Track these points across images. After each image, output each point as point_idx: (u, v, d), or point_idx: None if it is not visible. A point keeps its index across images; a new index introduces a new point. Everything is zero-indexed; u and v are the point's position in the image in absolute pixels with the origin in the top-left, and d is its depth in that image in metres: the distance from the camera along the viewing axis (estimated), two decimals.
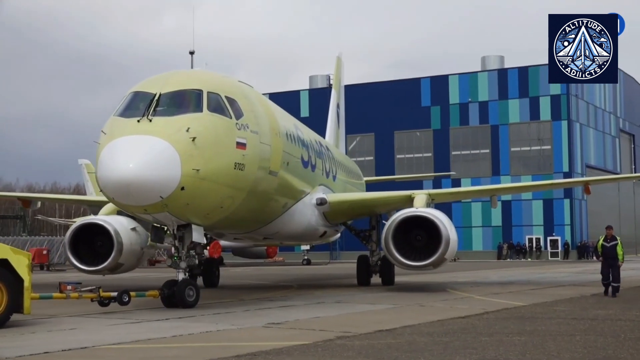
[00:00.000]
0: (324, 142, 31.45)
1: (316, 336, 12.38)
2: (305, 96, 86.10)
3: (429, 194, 26.99)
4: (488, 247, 75.49)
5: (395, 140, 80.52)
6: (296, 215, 24.58)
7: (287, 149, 22.25)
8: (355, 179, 36.59)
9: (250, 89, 21.17)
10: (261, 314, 16.80)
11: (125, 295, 17.24)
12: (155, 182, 16.19)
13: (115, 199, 16.94)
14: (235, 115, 18.46)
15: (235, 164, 18.03)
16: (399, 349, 10.92)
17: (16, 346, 11.41)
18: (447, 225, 23.52)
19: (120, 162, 16.18)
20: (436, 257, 23.23)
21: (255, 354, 10.44)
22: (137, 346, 11.64)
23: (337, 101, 45.99)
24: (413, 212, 24.18)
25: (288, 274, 40.92)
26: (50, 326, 14.35)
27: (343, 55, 47.99)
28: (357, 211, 28.93)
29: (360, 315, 16.80)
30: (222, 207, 18.40)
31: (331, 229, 28.59)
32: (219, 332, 13.46)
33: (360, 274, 28.64)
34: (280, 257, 68.75)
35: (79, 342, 11.75)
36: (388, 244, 23.58)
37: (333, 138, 42.86)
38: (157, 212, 17.10)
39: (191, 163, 16.61)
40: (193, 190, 16.79)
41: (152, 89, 18.07)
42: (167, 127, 16.90)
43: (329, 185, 28.20)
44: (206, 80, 19.07)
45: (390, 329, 13.41)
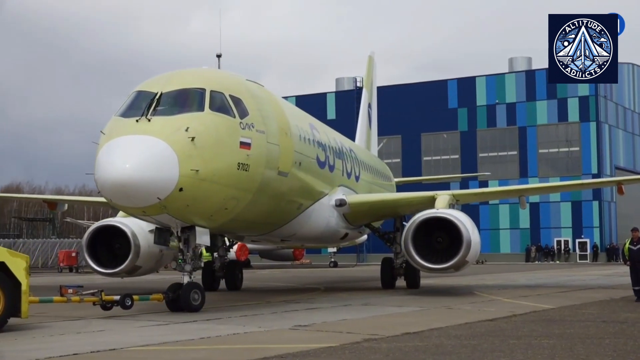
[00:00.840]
0: (347, 142, 31.07)
1: (343, 339, 12.36)
2: (332, 99, 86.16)
3: (452, 194, 26.41)
4: (516, 250, 75.06)
5: (422, 142, 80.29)
6: (313, 216, 24.18)
7: (299, 149, 21.82)
8: (383, 180, 36.08)
9: (259, 87, 20.81)
10: (288, 316, 16.81)
11: (128, 299, 16.88)
12: (152, 183, 15.85)
13: (113, 200, 16.65)
14: (240, 115, 18.10)
15: (239, 164, 17.65)
16: (426, 352, 10.88)
17: (45, 348, 11.50)
18: (468, 227, 22.83)
19: (117, 163, 15.86)
20: (457, 260, 22.57)
21: (283, 356, 10.44)
22: (165, 348, 11.69)
23: (368, 101, 44.84)
24: (433, 213, 23.61)
25: (315, 277, 40.93)
26: (79, 327, 14.44)
27: (375, 55, 46.69)
28: (378, 212, 28.43)
29: (388, 317, 16.76)
30: (226, 208, 18.04)
31: (353, 231, 28.19)
32: (246, 334, 13.48)
33: (385, 277, 28.12)
34: (307, 260, 68.76)
35: (106, 344, 11.82)
36: (408, 246, 23.06)
37: (364, 139, 42.15)
38: (156, 214, 16.81)
39: (190, 163, 16.26)
40: (193, 192, 16.48)
41: (154, 88, 17.79)
42: (165, 127, 16.57)
43: (350, 186, 27.79)
44: (210, 78, 18.75)
45: (418, 332, 13.36)
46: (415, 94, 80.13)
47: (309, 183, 23.09)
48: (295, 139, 21.56)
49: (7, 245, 60.97)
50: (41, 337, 12.95)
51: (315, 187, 23.80)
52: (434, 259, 23.08)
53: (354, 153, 30.39)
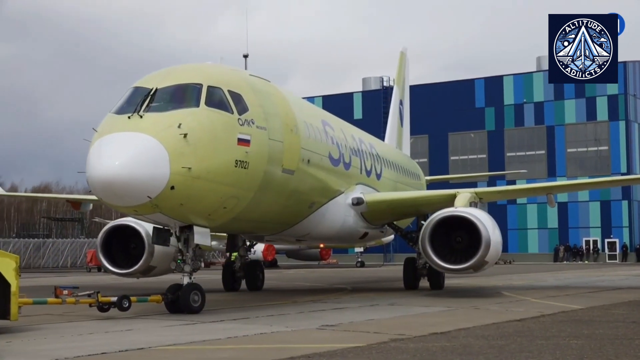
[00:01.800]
0: (368, 139, 30.15)
1: (370, 338, 12.33)
2: (359, 98, 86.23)
3: (475, 192, 25.71)
4: (544, 250, 74.66)
5: (450, 141, 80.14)
6: (328, 215, 23.69)
7: (308, 146, 21.28)
8: (411, 178, 35.45)
9: (264, 83, 20.28)
10: (315, 316, 16.80)
11: (126, 301, 16.43)
12: (141, 181, 15.39)
13: (103, 199, 16.21)
14: (238, 111, 17.61)
15: (237, 162, 17.15)
16: (453, 352, 10.84)
17: (74, 347, 11.58)
18: (488, 226, 22.08)
19: (105, 161, 15.43)
20: (475, 260, 21.77)
21: (309, 356, 10.44)
22: (192, 347, 11.72)
23: (399, 98, 43.76)
24: (451, 212, 22.84)
25: (342, 277, 40.91)
26: (107, 327, 14.53)
27: (408, 51, 45.77)
28: (398, 211, 27.59)
29: (415, 317, 16.70)
30: (225, 207, 17.56)
31: (374, 230, 27.52)
32: (273, 333, 13.48)
33: (407, 278, 27.32)
34: (333, 260, 68.82)
35: (135, 343, 11.88)
36: (425, 245, 22.35)
37: (394, 137, 41.41)
38: (149, 213, 16.44)
39: (181, 161, 15.76)
40: (185, 190, 16.01)
41: (150, 84, 17.32)
42: (157, 124, 16.10)
43: (371, 185, 27.25)
44: (209, 73, 18.25)
45: (445, 332, 13.31)
46: (442, 94, 79.98)
47: (320, 181, 22.58)
48: (303, 135, 21.06)
49: (36, 246, 61.97)
50: (70, 337, 13.03)
51: (328, 185, 23.33)
52: (453, 259, 22.46)
53: (376, 150, 29.76)
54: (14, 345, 11.93)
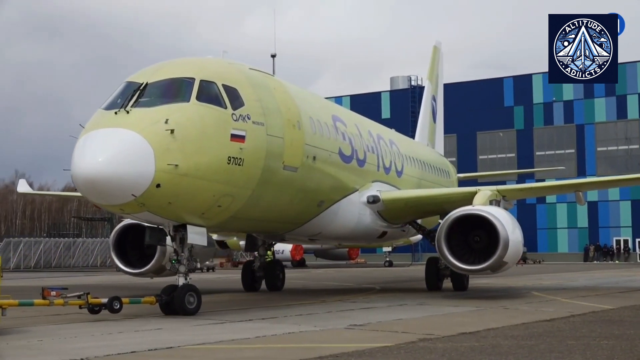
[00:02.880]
0: (388, 135, 29.20)
1: (399, 338, 12.31)
2: (386, 98, 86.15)
3: (497, 190, 24.57)
4: (574, 249, 74.13)
5: (478, 140, 79.82)
6: (340, 214, 22.97)
7: (313, 142, 20.59)
8: (440, 176, 34.66)
9: (265, 77, 19.63)
10: (343, 315, 16.79)
11: (117, 302, 16.11)
12: (124, 179, 14.88)
13: (88, 197, 15.80)
14: (233, 105, 17.00)
15: (230, 159, 16.54)
16: (482, 352, 10.79)
17: (103, 345, 11.67)
18: (506, 225, 21.09)
19: (88, 158, 14.95)
20: (493, 261, 20.86)
21: (338, 355, 10.44)
22: (221, 346, 11.77)
23: (432, 94, 42.57)
24: (467, 210, 21.91)
25: (370, 276, 40.86)
26: (137, 326, 14.62)
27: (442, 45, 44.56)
28: (417, 209, 26.48)
29: (443, 317, 16.65)
30: (220, 206, 17.00)
31: (393, 229, 26.65)
32: (302, 333, 13.49)
33: (430, 278, 26.45)
34: (362, 259, 68.80)
35: (164, 342, 11.94)
36: (440, 245, 21.48)
37: (426, 134, 40.53)
38: (136, 212, 15.94)
39: (167, 157, 15.22)
40: (172, 188, 15.47)
41: (141, 78, 16.82)
42: (143, 119, 15.55)
43: (390, 182, 26.44)
44: (203, 67, 17.62)
45: (474, 332, 13.25)
46: (471, 92, 79.61)
47: (329, 178, 21.89)
48: (308, 131, 20.36)
49: (66, 245, 62.48)
50: (99, 335, 13.13)
51: (339, 182, 22.63)
52: (471, 260, 21.63)
53: (397, 147, 28.88)
54: (45, 344, 12.05)
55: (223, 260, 59.66)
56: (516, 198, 30.74)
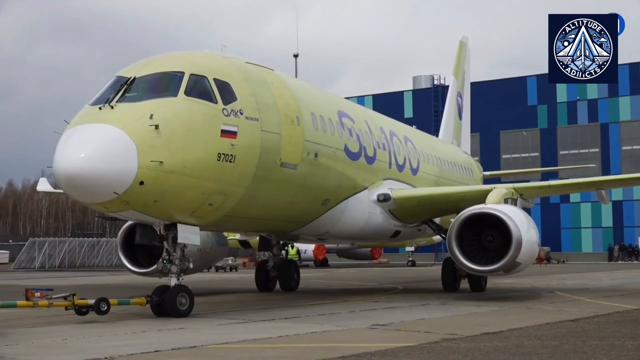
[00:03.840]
0: (402, 131, 28.34)
1: (421, 338, 12.29)
2: (409, 97, 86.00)
3: (514, 188, 23.87)
4: (598, 249, 73.65)
5: (501, 140, 79.50)
6: (348, 212, 22.31)
7: (314, 138, 19.94)
8: (462, 174, 33.85)
9: (261, 70, 18.89)
10: (366, 315, 16.78)
11: (104, 304, 15.63)
12: (105, 176, 14.41)
13: (70, 194, 15.48)
14: (224, 100, 16.46)
15: (220, 155, 15.98)
16: (506, 352, 10.74)
17: (127, 345, 11.73)
18: (520, 224, 20.38)
19: (67, 155, 14.50)
20: (505, 261, 20.17)
21: (360, 355, 10.43)
22: (244, 346, 11.79)
23: (457, 90, 41.68)
24: (479, 209, 21.22)
25: (392, 276, 40.79)
26: (160, 325, 14.68)
27: (469, 40, 43.65)
28: (431, 208, 25.54)
29: (466, 317, 16.60)
30: (211, 204, 16.50)
31: (408, 229, 25.94)
32: (324, 332, 13.50)
33: (446, 279, 25.75)
34: (384, 259, 68.71)
35: (187, 342, 11.98)
36: (451, 245, 20.78)
37: (450, 130, 39.87)
38: (120, 210, 15.48)
39: (151, 154, 14.74)
40: (157, 186, 15.00)
41: (130, 73, 16.36)
42: (127, 115, 15.08)
43: (404, 180, 25.72)
44: (193, 61, 17.11)
45: (497, 332, 13.21)
46: (494, 91, 79.26)
47: (333, 176, 21.20)
48: (309, 127, 19.72)
49: (90, 245, 62.80)
50: (123, 334, 13.20)
51: (345, 180, 21.99)
52: (484, 260, 20.95)
53: (412, 143, 28.03)
54: (69, 343, 12.14)
55: (246, 260, 59.75)
56: (535, 196, 29.95)
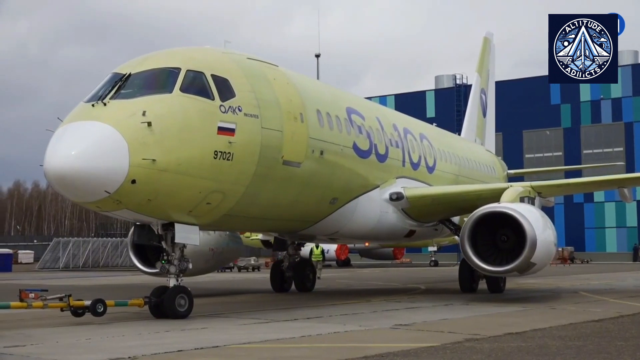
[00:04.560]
0: (418, 128, 27.65)
1: (444, 338, 12.26)
2: (431, 96, 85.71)
3: (531, 187, 23.21)
4: (622, 249, 73.06)
5: (524, 139, 79.03)
6: (358, 212, 21.82)
7: (320, 135, 19.40)
8: (483, 172, 33.10)
9: (263, 66, 18.42)
10: (389, 315, 16.76)
11: (100, 305, 15.27)
12: (96, 174, 14.09)
13: (61, 193, 15.20)
14: (222, 97, 16.05)
15: (217, 153, 15.59)
16: (529, 353, 10.69)
17: (150, 344, 11.78)
18: (534, 223, 19.74)
19: (59, 152, 14.19)
20: (519, 262, 19.57)
21: (383, 355, 10.42)
22: (267, 346, 11.81)
23: (480, 87, 40.98)
24: (492, 208, 20.62)
25: (415, 276, 40.72)
26: (183, 325, 14.73)
27: (494, 37, 42.76)
28: (446, 207, 24.94)
29: (489, 317, 16.54)
30: (209, 203, 16.12)
31: (423, 228, 25.46)
32: (347, 332, 13.50)
33: (463, 279, 25.11)
34: (407, 259, 68.55)
35: (210, 341, 12.02)
36: (464, 244, 20.25)
37: (473, 128, 39.25)
38: (113, 210, 15.20)
39: (143, 152, 14.40)
40: (150, 184, 14.66)
41: (126, 69, 16.05)
42: (119, 112, 14.77)
43: (419, 178, 25.16)
44: (191, 57, 16.72)
45: (520, 332, 13.15)
46: (516, 90, 78.76)
47: (342, 174, 20.64)
48: (313, 124, 19.18)
49: (114, 245, 63.11)
50: (147, 334, 13.26)
51: (354, 179, 21.45)
52: (499, 260, 20.40)
53: (428, 141, 27.31)
54: (93, 342, 12.22)
55: (268, 259, 59.81)
56: (554, 195, 29.33)
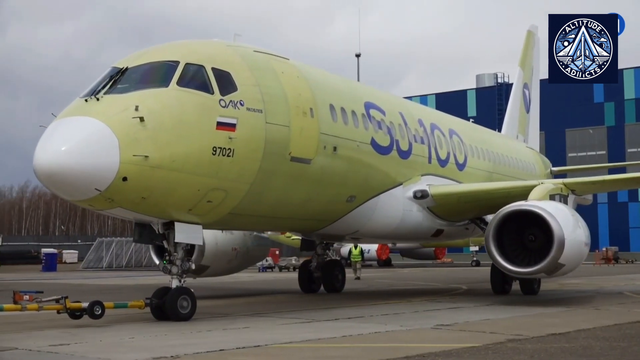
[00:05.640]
0: (447, 123, 26.65)
1: (486, 339, 12.18)
2: (472, 96, 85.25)
3: (564, 184, 22.22)
4: None
5: (567, 138, 78.23)
6: (379, 210, 21.06)
7: (333, 131, 18.68)
8: (522, 169, 31.94)
9: (270, 59, 17.75)
10: (430, 315, 16.69)
11: (98, 307, 14.82)
12: (85, 171, 13.62)
13: (52, 191, 14.81)
14: (222, 91, 15.50)
15: (215, 149, 15.03)
16: (573, 354, 10.57)
17: (193, 343, 11.86)
18: (563, 222, 18.79)
19: (46, 149, 13.77)
20: (546, 263, 18.64)
21: (425, 355, 10.38)
22: (308, 345, 11.82)
23: (523, 81, 39.86)
24: (517, 206, 19.74)
25: (457, 276, 40.46)
26: (225, 324, 14.80)
27: (539, 30, 41.01)
28: (475, 205, 23.89)
29: (532, 317, 16.38)
30: (210, 201, 15.53)
31: (453, 227, 24.61)
32: (388, 332, 13.47)
33: (495, 281, 24.12)
34: (448, 259, 68.23)
35: (252, 341, 12.06)
36: (488, 244, 19.47)
37: (515, 124, 38.32)
38: (106, 208, 14.76)
39: (135, 148, 13.92)
40: (143, 182, 14.16)
41: (124, 63, 15.63)
42: (111, 107, 14.33)
43: (447, 175, 24.31)
44: (191, 50, 16.23)
45: (564, 333, 13.02)
46: (559, 89, 77.83)
47: (359, 171, 19.90)
48: (325, 119, 18.47)
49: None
50: (189, 333, 13.34)
51: (374, 176, 20.64)
52: (526, 261, 19.50)
53: (459, 137, 26.28)
54: (136, 341, 12.33)
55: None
56: (589, 192, 28.48)
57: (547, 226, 18.85)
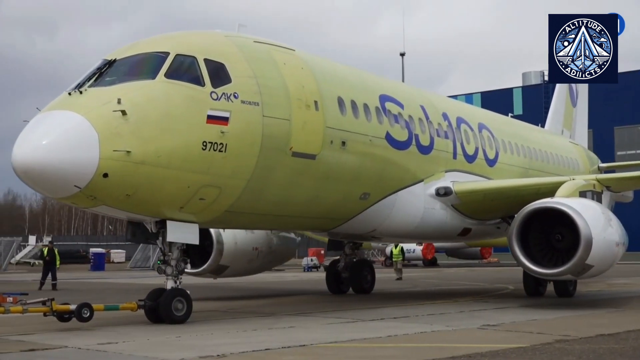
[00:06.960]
0: (477, 118, 25.35)
1: (534, 339, 12.07)
2: (518, 94, 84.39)
3: (596, 180, 21.21)
4: None
5: (615, 136, 77.12)
6: (398, 208, 20.15)
7: (341, 125, 17.72)
8: (563, 166, 30.43)
9: (271, 49, 16.91)
10: (476, 315, 16.58)
11: (86, 310, 14.11)
12: (62, 167, 13.04)
13: (31, 188, 14.09)
14: (214, 83, 14.80)
15: (206, 144, 14.33)
16: (622, 355, 10.43)
17: (239, 342, 11.91)
18: (591, 220, 17.69)
19: (24, 145, 13.25)
20: (573, 263, 17.58)
21: (471, 355, 10.31)
22: (353, 345, 11.82)
23: None
24: (542, 203, 18.66)
25: (503, 276, 40.06)
26: (270, 324, 14.85)
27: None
28: (503, 202, 22.54)
29: (580, 318, 16.20)
30: (202, 199, 14.83)
31: (481, 226, 23.37)
32: (434, 332, 13.41)
33: (528, 282, 23.15)
34: (494, 258, 67.70)
35: (297, 340, 12.09)
36: (511, 243, 18.61)
37: (560, 119, 37.33)
38: (89, 206, 14.21)
39: (116, 143, 13.31)
40: (126, 178, 13.56)
41: (113, 55, 15.09)
42: (93, 100, 13.74)
43: (474, 172, 23.23)
44: (183, 41, 15.59)
45: (613, 334, 12.84)
46: (607, 86, 76.75)
47: (371, 168, 18.90)
48: (332, 113, 17.53)
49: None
50: (235, 332, 13.41)
51: (389, 172, 19.65)
52: (553, 261, 18.55)
53: (489, 131, 25.05)
54: (183, 340, 12.41)
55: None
56: (627, 189, 27.39)
57: (573, 225, 17.83)
